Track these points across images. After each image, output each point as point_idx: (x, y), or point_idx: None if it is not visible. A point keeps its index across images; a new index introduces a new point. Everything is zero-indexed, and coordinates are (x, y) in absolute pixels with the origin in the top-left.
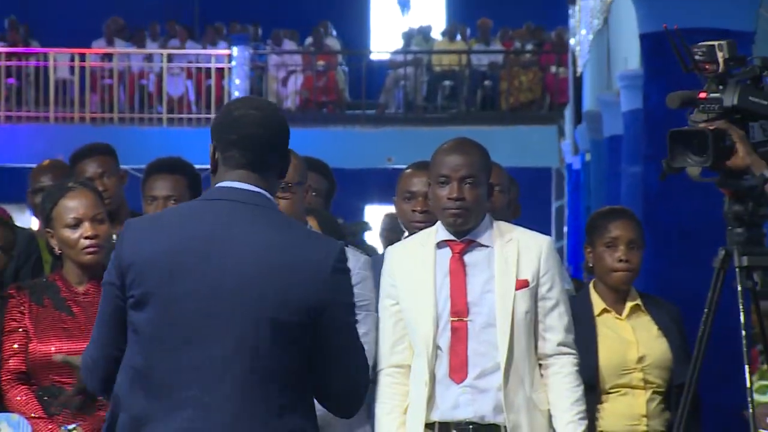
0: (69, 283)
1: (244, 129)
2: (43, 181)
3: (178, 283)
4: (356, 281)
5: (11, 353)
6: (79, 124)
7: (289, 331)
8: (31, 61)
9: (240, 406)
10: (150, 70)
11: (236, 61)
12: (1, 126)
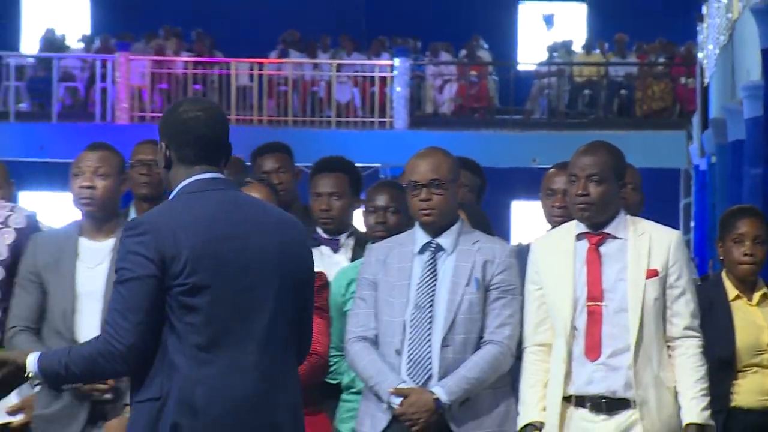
0: None
1: (195, 130)
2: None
3: (226, 267)
4: (503, 268)
5: None
6: (257, 126)
7: (302, 299)
8: (215, 70)
9: (279, 366)
10: (321, 79)
11: (398, 71)
12: None
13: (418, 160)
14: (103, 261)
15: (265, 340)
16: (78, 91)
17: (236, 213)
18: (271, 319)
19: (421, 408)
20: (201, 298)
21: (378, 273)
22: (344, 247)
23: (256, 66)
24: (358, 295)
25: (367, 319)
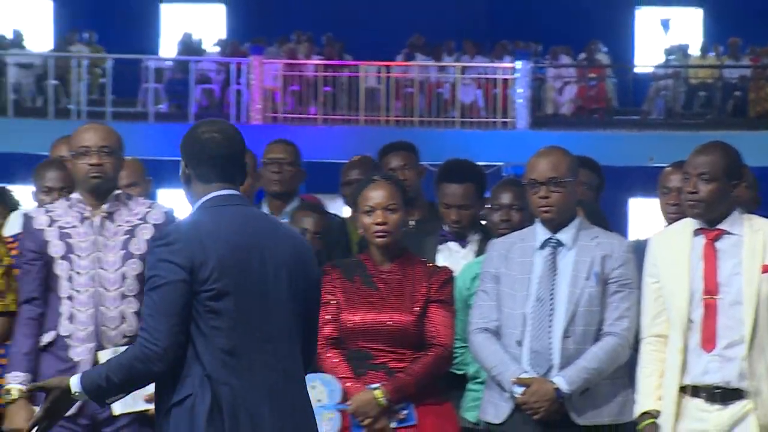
0: (375, 262)
1: (211, 150)
2: (353, 174)
3: (248, 275)
4: (621, 263)
5: (325, 322)
6: (384, 126)
7: (309, 303)
8: (344, 72)
9: (294, 366)
10: (445, 81)
11: (519, 73)
12: (319, 127)
13: (538, 158)
14: None
15: (281, 342)
16: (214, 92)
17: (253, 226)
18: (286, 322)
19: (543, 397)
20: (226, 303)
21: (500, 267)
22: (471, 243)
23: (383, 69)
24: (481, 288)
25: (489, 311)
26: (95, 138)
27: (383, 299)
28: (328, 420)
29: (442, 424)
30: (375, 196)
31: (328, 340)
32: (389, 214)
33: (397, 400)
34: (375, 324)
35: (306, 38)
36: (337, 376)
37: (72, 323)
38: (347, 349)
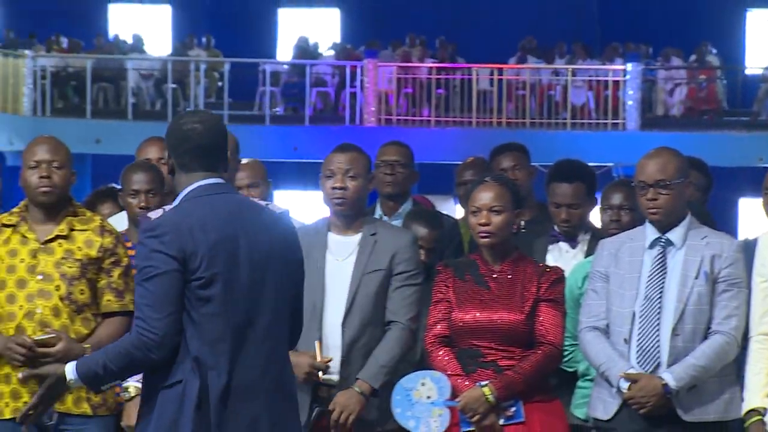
0: (487, 261)
1: (193, 140)
2: (467, 175)
3: (236, 262)
4: (730, 262)
5: (437, 320)
6: (496, 128)
7: (295, 288)
8: (457, 75)
9: (279, 345)
10: (557, 83)
11: (630, 75)
12: (432, 129)
13: (646, 161)
14: (350, 255)
15: (268, 328)
16: (329, 95)
17: (238, 213)
18: (273, 309)
19: (650, 392)
20: (215, 291)
21: (609, 266)
22: (581, 243)
23: (496, 71)
24: (591, 287)
25: (598, 309)
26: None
27: (494, 298)
28: (438, 416)
29: (550, 421)
30: (481, 197)
31: (439, 338)
32: (493, 215)
33: (505, 398)
34: (485, 322)
35: (419, 41)
36: (447, 373)
37: None
38: (458, 347)
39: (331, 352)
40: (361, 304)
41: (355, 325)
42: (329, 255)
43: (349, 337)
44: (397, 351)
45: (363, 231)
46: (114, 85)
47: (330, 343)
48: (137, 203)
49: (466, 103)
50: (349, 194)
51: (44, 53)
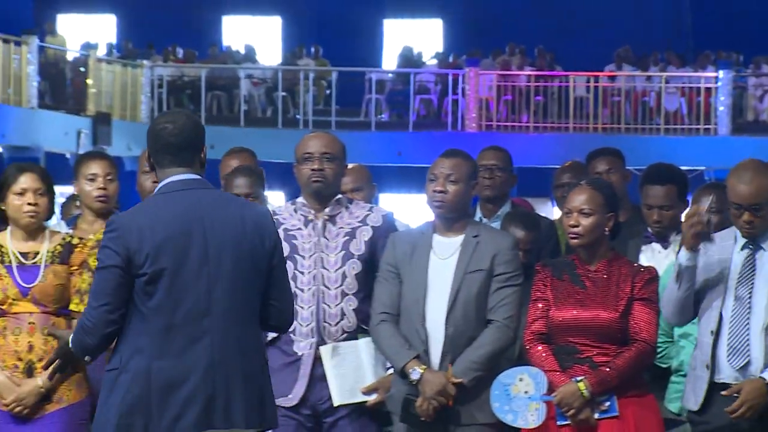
0: (583, 261)
1: (164, 139)
2: (564, 178)
3: (186, 257)
4: None
5: (535, 318)
6: (592, 133)
7: (264, 277)
8: (554, 82)
9: (236, 334)
10: (651, 90)
11: (721, 82)
12: (531, 134)
13: (740, 184)
14: (453, 254)
15: (222, 318)
16: (432, 102)
17: (199, 209)
18: (229, 299)
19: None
20: (161, 285)
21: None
22: (673, 244)
23: (592, 79)
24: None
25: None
26: (318, 145)
27: (590, 297)
28: (534, 410)
29: (643, 415)
30: (573, 200)
31: (537, 335)
32: (582, 218)
33: (599, 393)
34: (582, 320)
35: (519, 50)
36: (544, 369)
37: (295, 319)
38: (555, 343)
39: (433, 346)
40: (463, 302)
41: (457, 322)
42: (433, 255)
43: (451, 332)
44: (490, 349)
45: (466, 232)
46: (227, 93)
47: (432, 337)
48: None
49: (563, 109)
50: (448, 198)
51: (161, 63)
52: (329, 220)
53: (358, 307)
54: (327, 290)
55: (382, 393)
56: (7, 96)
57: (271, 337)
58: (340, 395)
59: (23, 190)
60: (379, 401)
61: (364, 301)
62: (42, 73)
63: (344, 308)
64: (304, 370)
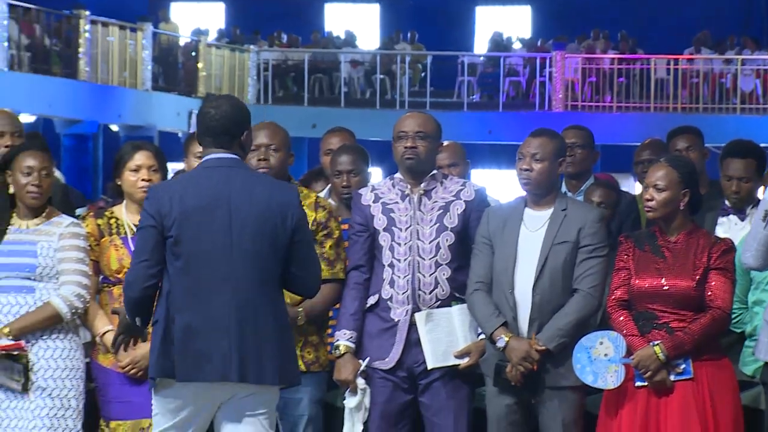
0: (664, 233)
1: (205, 122)
2: (644, 155)
3: (209, 226)
4: None
5: (617, 286)
6: (672, 113)
7: (279, 249)
8: (636, 65)
9: (252, 298)
10: (727, 72)
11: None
12: (614, 114)
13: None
14: (542, 227)
15: (240, 284)
16: (520, 84)
17: (227, 185)
18: (247, 269)
19: None
20: (184, 249)
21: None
22: (749, 216)
23: (672, 61)
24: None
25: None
26: (412, 124)
27: (669, 266)
28: (614, 372)
29: (718, 377)
30: (650, 175)
31: (619, 302)
32: (656, 192)
33: (675, 356)
34: (660, 288)
35: (603, 35)
36: (624, 333)
37: (392, 288)
38: (635, 310)
39: (521, 313)
40: (550, 272)
41: (544, 291)
42: (523, 227)
43: (538, 300)
44: (574, 316)
45: (555, 206)
46: (328, 76)
47: (520, 305)
48: (341, 182)
49: (644, 90)
50: (533, 176)
51: (267, 48)
52: (425, 194)
53: (451, 276)
54: (422, 260)
55: (473, 357)
56: (124, 79)
57: (369, 305)
58: (434, 359)
59: (138, 166)
60: (470, 365)
61: (457, 270)
62: (156, 57)
63: (438, 277)
64: (400, 335)
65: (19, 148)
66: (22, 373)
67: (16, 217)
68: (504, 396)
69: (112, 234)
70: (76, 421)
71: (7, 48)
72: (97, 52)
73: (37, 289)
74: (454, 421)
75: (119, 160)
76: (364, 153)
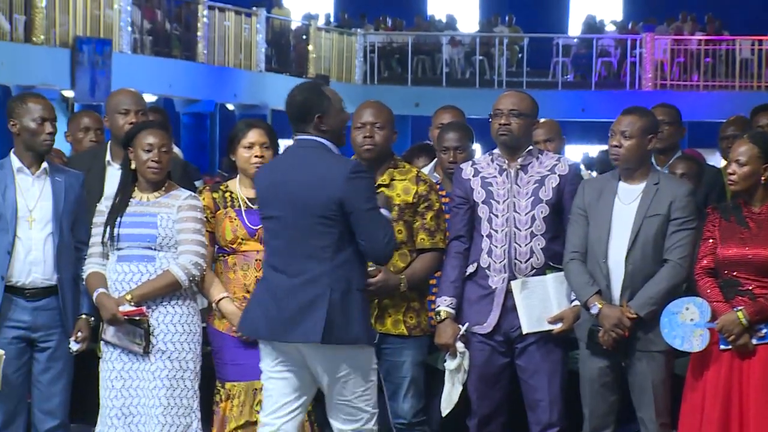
0: (748, 204)
1: (286, 110)
2: (729, 131)
3: (283, 201)
4: None
5: (704, 254)
6: (756, 91)
7: (328, 218)
8: (722, 46)
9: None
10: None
11: None
12: (700, 92)
13: None
14: (635, 200)
15: (308, 246)
16: (612, 64)
17: (293, 164)
18: (303, 236)
19: None
20: (268, 223)
21: None
22: None
23: (756, 42)
24: None
25: None
26: (507, 103)
27: (753, 236)
28: (699, 336)
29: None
30: (733, 150)
31: (705, 270)
32: (737, 167)
33: (757, 321)
34: (744, 257)
35: (690, 18)
36: (709, 300)
37: (490, 257)
38: (720, 277)
39: (614, 281)
40: (642, 243)
41: (636, 260)
42: (617, 200)
43: (630, 270)
44: (664, 285)
45: (648, 180)
46: (430, 57)
47: (613, 274)
48: (447, 158)
49: (730, 69)
50: (621, 152)
51: (373, 31)
52: (521, 168)
53: (546, 246)
54: (518, 231)
55: (566, 322)
56: (239, 61)
57: (469, 273)
58: (529, 324)
59: (251, 143)
60: (563, 330)
61: (551, 240)
62: (269, 40)
63: (533, 247)
64: (497, 302)
65: (141, 126)
66: (144, 336)
67: (137, 191)
68: (597, 359)
69: (227, 207)
70: (193, 382)
71: (130, 32)
72: (214, 36)
73: (158, 258)
74: (548, 383)
75: (233, 138)
76: (469, 131)
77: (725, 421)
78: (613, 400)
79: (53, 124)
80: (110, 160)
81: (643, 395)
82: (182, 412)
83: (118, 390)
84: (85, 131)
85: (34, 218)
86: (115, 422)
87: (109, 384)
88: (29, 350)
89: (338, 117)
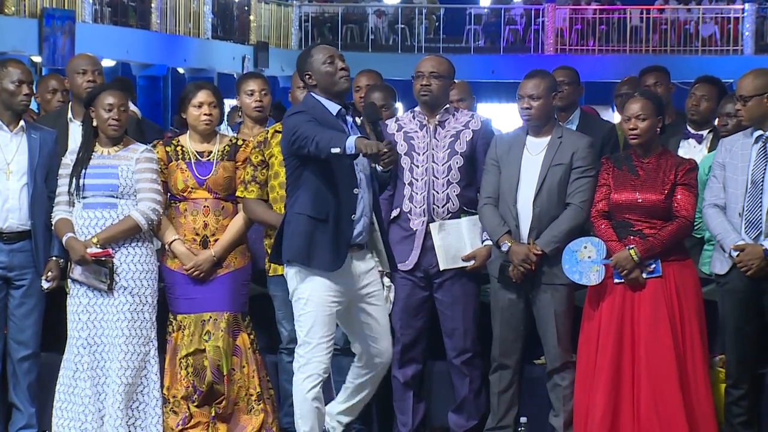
0: (638, 155)
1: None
2: (623, 89)
3: None
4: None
5: (599, 199)
6: (644, 55)
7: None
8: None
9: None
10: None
11: (746, 13)
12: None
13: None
14: (541, 151)
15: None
16: (518, 31)
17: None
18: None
19: (754, 257)
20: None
21: (726, 158)
22: (705, 140)
23: (644, 11)
24: (712, 173)
25: (718, 191)
26: (427, 66)
27: (642, 183)
28: (596, 271)
29: (683, 275)
30: (631, 108)
31: (600, 213)
32: (639, 122)
33: (647, 258)
34: (635, 201)
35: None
36: (605, 239)
37: (411, 202)
38: (614, 219)
39: (523, 223)
40: (547, 189)
41: (542, 204)
42: (526, 151)
43: (537, 212)
44: (567, 225)
45: (552, 134)
46: (358, 26)
47: (522, 216)
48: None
49: (621, 35)
50: (532, 112)
51: (307, 3)
52: (439, 124)
53: (461, 193)
54: (436, 180)
55: (479, 260)
56: (188, 29)
57: (393, 216)
58: (445, 261)
59: (200, 103)
60: (476, 267)
61: (465, 188)
62: (215, 11)
63: (449, 194)
64: (417, 242)
65: (101, 88)
66: (108, 275)
67: (98, 146)
68: (506, 291)
69: (179, 159)
70: (151, 314)
71: (91, 4)
72: (167, 7)
73: (119, 205)
74: (463, 313)
75: (184, 98)
76: (392, 91)
77: (619, 346)
78: (521, 329)
79: (30, 86)
80: (72, 118)
81: (548, 324)
82: (142, 341)
83: (84, 322)
84: (53, 93)
85: (11, 170)
86: (81, 351)
87: (76, 317)
88: (5, 287)
89: (322, 70)
